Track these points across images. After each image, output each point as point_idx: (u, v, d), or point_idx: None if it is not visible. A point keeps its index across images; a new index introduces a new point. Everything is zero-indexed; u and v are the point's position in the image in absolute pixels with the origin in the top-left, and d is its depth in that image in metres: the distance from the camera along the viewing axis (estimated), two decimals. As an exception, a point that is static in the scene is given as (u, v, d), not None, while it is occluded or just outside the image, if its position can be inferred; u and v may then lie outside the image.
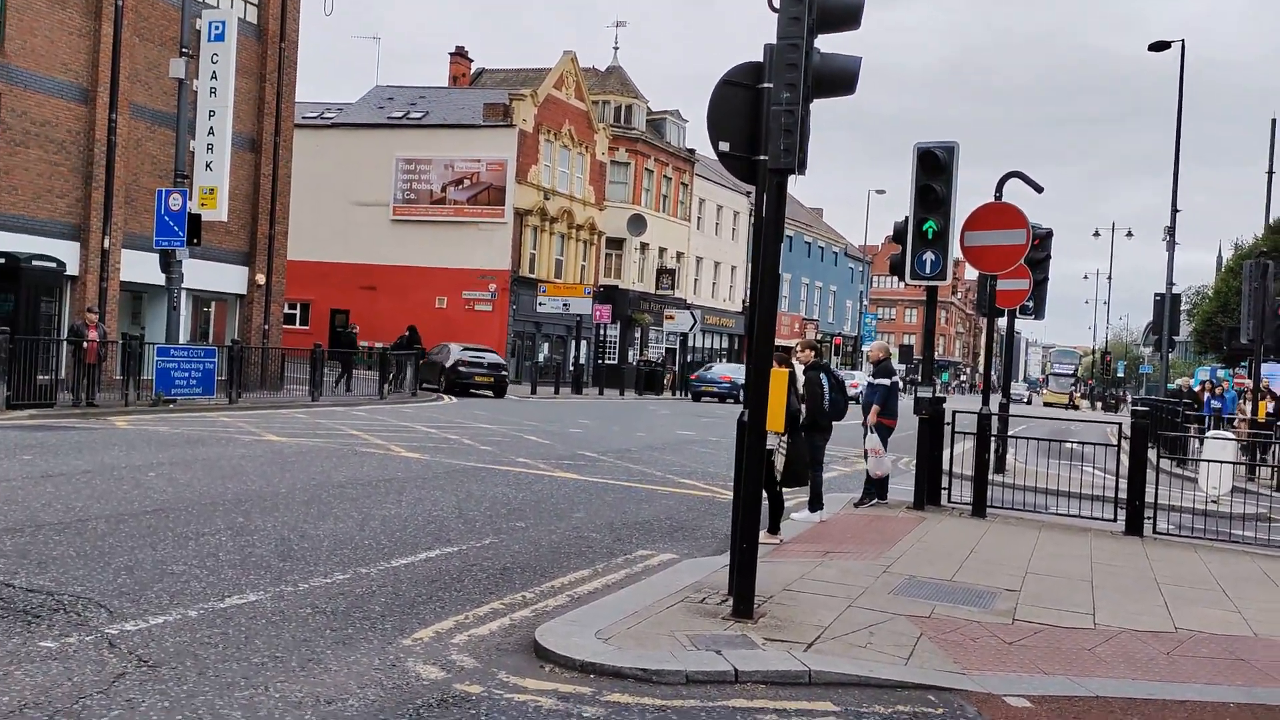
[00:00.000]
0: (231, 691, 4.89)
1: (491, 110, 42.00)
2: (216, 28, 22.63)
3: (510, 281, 41.38)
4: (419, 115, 43.90)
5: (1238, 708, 5.63)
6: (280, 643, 5.69)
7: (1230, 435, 18.14)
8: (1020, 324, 25.40)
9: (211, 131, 22.80)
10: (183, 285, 21.19)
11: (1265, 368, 26.12)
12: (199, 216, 20.86)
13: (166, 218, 20.23)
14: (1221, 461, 14.92)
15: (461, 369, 30.79)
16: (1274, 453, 19.19)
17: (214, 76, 22.74)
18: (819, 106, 7.00)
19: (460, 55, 50.70)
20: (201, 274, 24.43)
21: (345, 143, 43.29)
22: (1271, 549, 11.13)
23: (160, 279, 21.03)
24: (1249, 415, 22.49)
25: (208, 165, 22.71)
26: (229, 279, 27.21)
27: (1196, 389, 26.31)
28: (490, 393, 31.21)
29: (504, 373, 31.85)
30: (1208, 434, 17.98)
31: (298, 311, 43.05)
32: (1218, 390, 24.31)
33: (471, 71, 51.28)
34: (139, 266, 23.32)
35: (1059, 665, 6.16)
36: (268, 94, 27.78)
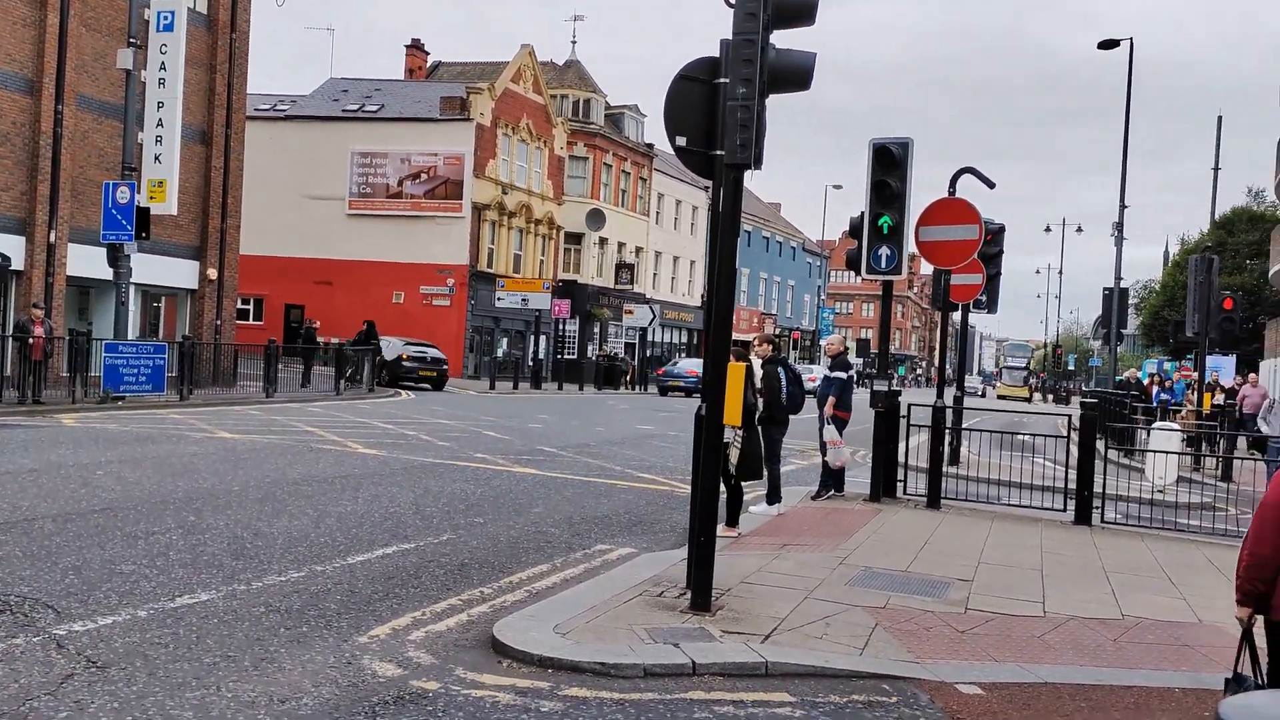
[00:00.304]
0: (182, 692, 4.83)
1: (448, 104, 41.70)
2: (165, 18, 22.26)
3: (468, 276, 41.15)
4: (375, 108, 43.49)
5: (1182, 692, 5.75)
6: (233, 642, 5.63)
7: (1176, 426, 18.52)
8: (974, 318, 25.73)
9: (160, 123, 22.44)
10: (131, 280, 20.82)
11: (1211, 360, 26.69)
12: (148, 210, 20.50)
13: (114, 211, 19.87)
14: (1167, 452, 15.23)
15: (405, 363, 32.48)
16: (1219, 443, 19.60)
17: (163, 67, 22.37)
18: (777, 101, 7.04)
19: (416, 48, 50.28)
20: (151, 269, 24.01)
21: (299, 135, 42.77)
22: (1216, 537, 11.37)
23: (108, 274, 20.65)
24: (1196, 407, 22.97)
25: (156, 158, 22.35)
26: (179, 274, 26.79)
27: (1145, 381, 26.82)
28: (429, 386, 32.84)
29: (444, 367, 33.91)
30: (1154, 425, 18.34)
31: (251, 307, 42.50)
32: (1166, 384, 24.79)
33: (428, 64, 50.87)
34: (86, 261, 22.86)
35: (1010, 653, 6.26)
36: (218, 85, 27.36)
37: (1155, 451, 15.54)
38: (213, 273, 27.56)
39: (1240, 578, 4.28)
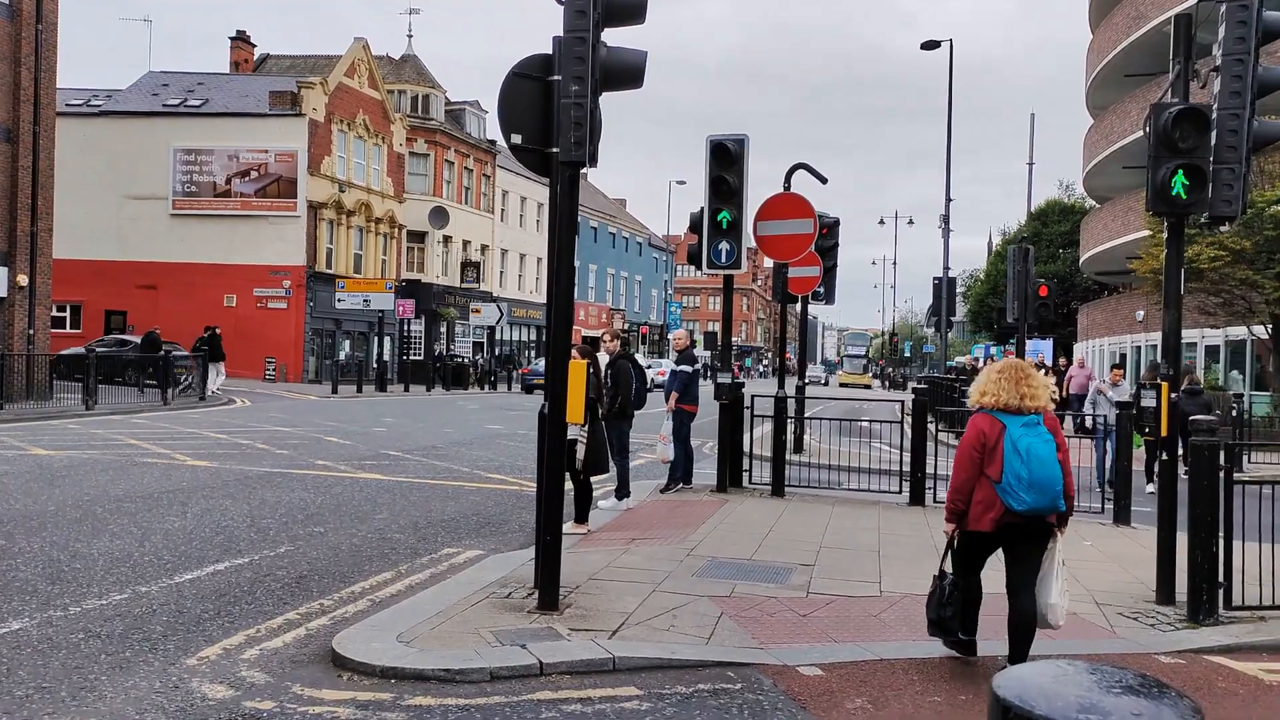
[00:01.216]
0: (-10, 730, 4.50)
1: (278, 99, 40.19)
2: (-39, 6, 20.66)
3: (306, 277, 39.80)
4: (198, 103, 41.51)
5: (1005, 659, 6.06)
6: (48, 672, 5.28)
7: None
8: (815, 309, 26.53)
9: (-41, 119, 20.81)
10: (-69, 288, 19.27)
11: (1030, 344, 28.30)
12: (-53, 213, 19.00)
13: (-92, 214, 18.33)
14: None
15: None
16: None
17: (-40, 59, 20.75)
18: (622, 97, 7.07)
19: (242, 40, 48.25)
20: (-47, 276, 22.27)
21: (117, 132, 40.44)
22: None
23: (-97, 282, 19.04)
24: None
25: (-44, 156, 20.72)
26: (-13, 281, 24.94)
27: (981, 366, 27.97)
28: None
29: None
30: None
31: (68, 314, 40.01)
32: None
33: (255, 57, 48.89)
34: (-123, 269, 21.01)
35: (848, 633, 6.48)
36: (24, 79, 25.58)
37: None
38: (23, 279, 25.75)
39: (948, 502, 5.71)
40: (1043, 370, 26.04)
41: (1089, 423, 15.54)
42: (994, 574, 8.36)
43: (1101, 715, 1.02)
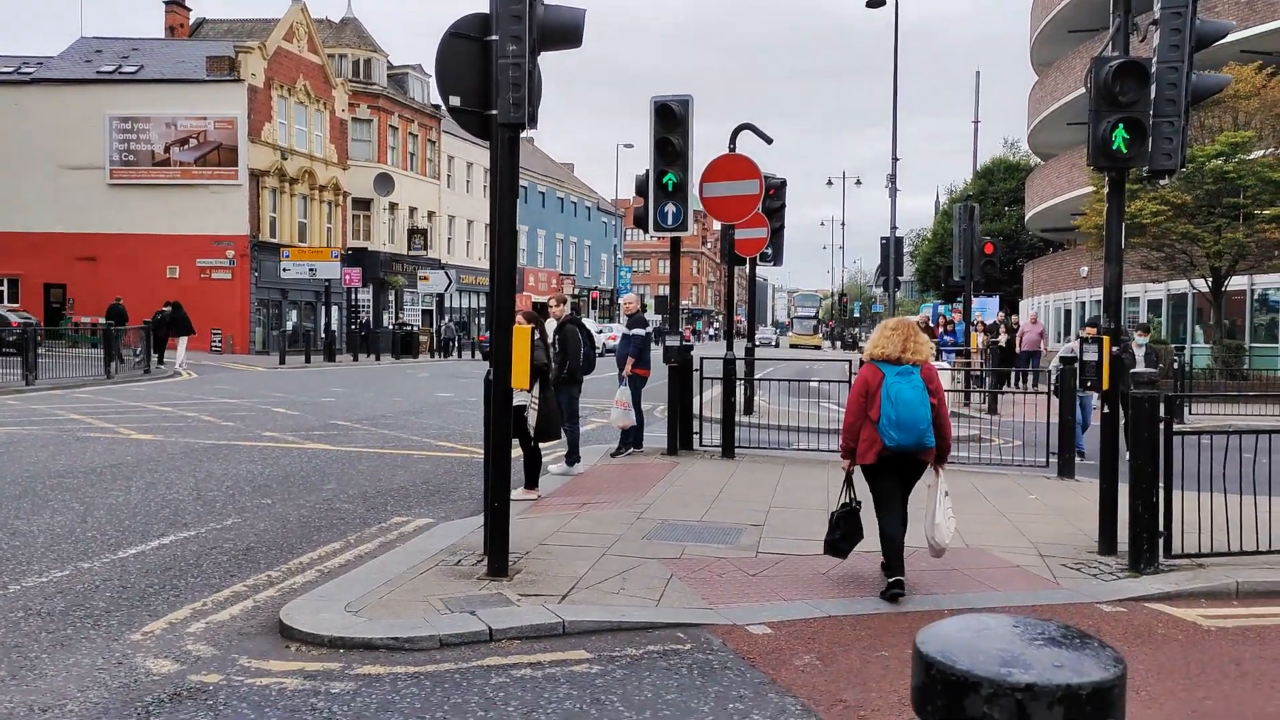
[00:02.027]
0: (-76, 713, 4.40)
1: (216, 64, 39.21)
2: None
3: (250, 247, 39.07)
4: (133, 69, 40.36)
5: (951, 613, 6.16)
6: (-15, 653, 5.17)
7: (946, 365, 19.78)
8: (765, 270, 26.58)
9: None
10: None
11: (976, 301, 28.62)
12: None
13: None
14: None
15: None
16: (986, 379, 21.09)
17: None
18: (570, 61, 6.96)
19: (177, 4, 46.89)
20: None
21: (49, 100, 39.24)
22: (983, 466, 12.26)
23: None
24: (982, 346, 24.48)
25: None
26: (-85, 255, 24.21)
27: (934, 326, 27.81)
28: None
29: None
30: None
31: (5, 288, 39.01)
32: (949, 327, 26.11)
33: (190, 22, 47.63)
34: None
35: (797, 591, 6.54)
36: (-52, 45, 24.74)
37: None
38: (-46, 252, 25.04)
39: (841, 442, 6.68)
40: (1000, 329, 26.42)
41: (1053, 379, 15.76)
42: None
43: (1023, 668, 1.02)
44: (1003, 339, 25.69)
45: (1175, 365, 21.10)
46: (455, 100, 6.79)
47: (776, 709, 4.67)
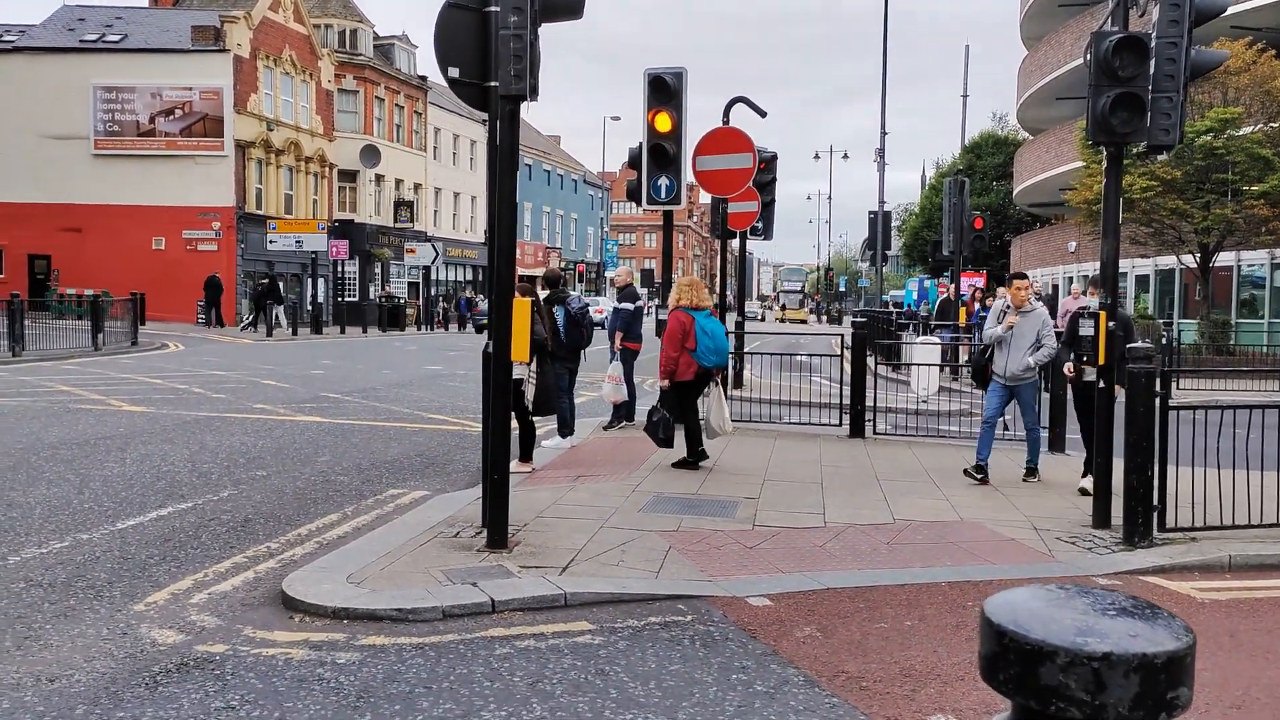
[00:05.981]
0: (-68, 684, 4.40)
1: (201, 34, 38.75)
2: None
3: (236, 219, 38.78)
4: (117, 38, 39.86)
5: (949, 585, 6.24)
6: (-11, 624, 5.18)
7: (936, 340, 19.86)
8: (752, 244, 26.55)
9: None
10: None
11: (965, 281, 28.67)
12: None
13: None
14: (928, 365, 16.34)
15: None
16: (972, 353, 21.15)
17: None
18: (556, 33, 6.92)
19: (161, -29, 46.31)
20: None
21: (31, 70, 38.73)
22: (973, 440, 12.32)
23: None
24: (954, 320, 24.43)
25: None
26: (-102, 225, 23.94)
27: (967, 301, 26.61)
28: None
29: None
30: (917, 340, 19.61)
31: (-12, 259, 38.69)
32: (986, 302, 24.95)
33: (175, -10, 47.00)
34: None
35: (794, 563, 6.60)
36: (-72, 12, 24.37)
37: (918, 365, 16.66)
38: (-63, 223, 24.79)
39: (661, 367, 9.78)
40: (969, 300, 26.28)
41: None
42: (934, 503, 8.55)
43: (1099, 637, 1.04)
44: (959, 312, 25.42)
45: (1164, 340, 21.23)
46: (454, 72, 6.76)
47: (779, 680, 4.72)
